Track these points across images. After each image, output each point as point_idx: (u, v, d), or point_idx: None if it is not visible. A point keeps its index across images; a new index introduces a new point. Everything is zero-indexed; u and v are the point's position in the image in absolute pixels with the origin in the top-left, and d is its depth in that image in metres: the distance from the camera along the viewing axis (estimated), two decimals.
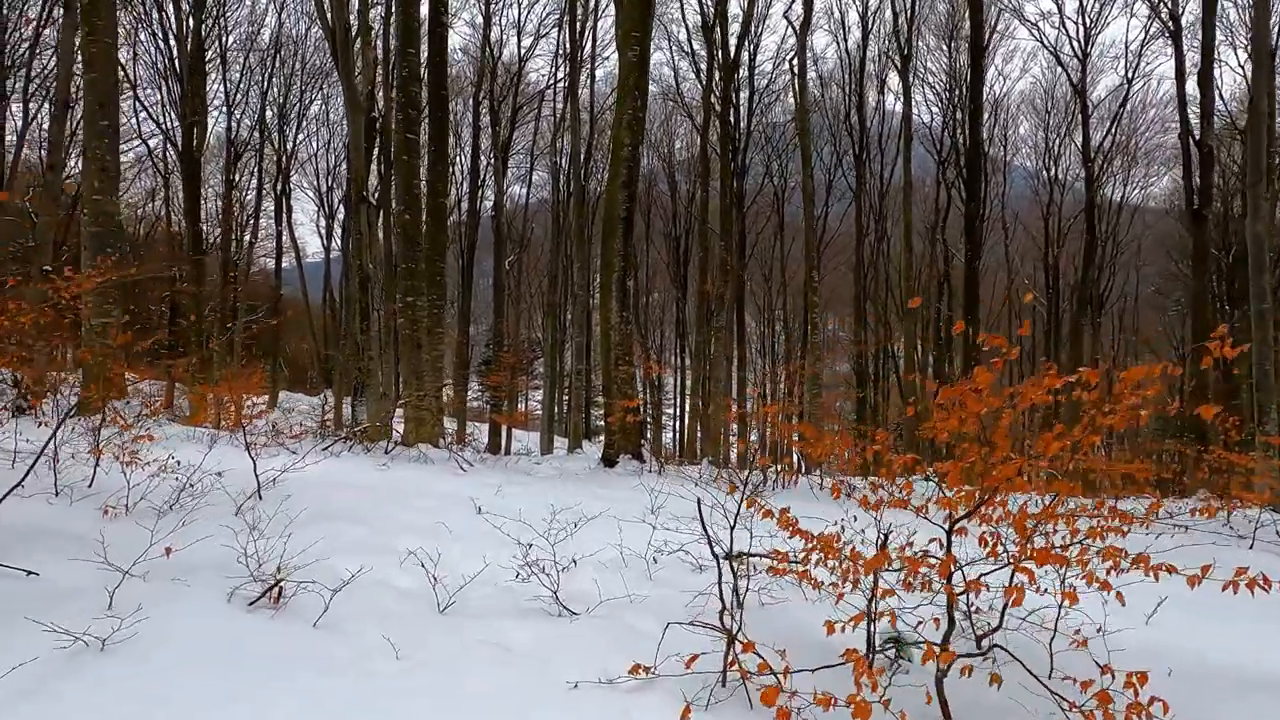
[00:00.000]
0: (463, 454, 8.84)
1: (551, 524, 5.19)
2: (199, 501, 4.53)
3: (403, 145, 9.17)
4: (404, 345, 9.27)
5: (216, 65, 23.99)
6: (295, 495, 5.23)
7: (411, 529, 4.78)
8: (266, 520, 4.40)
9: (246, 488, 5.08)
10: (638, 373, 9.92)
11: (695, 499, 6.49)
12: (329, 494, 5.43)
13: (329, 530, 4.46)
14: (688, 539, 4.82)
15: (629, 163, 8.89)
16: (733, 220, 17.96)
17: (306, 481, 5.56)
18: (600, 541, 4.71)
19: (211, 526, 3.89)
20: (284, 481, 5.29)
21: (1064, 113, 24.41)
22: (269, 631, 2.83)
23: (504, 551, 4.16)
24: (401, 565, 3.91)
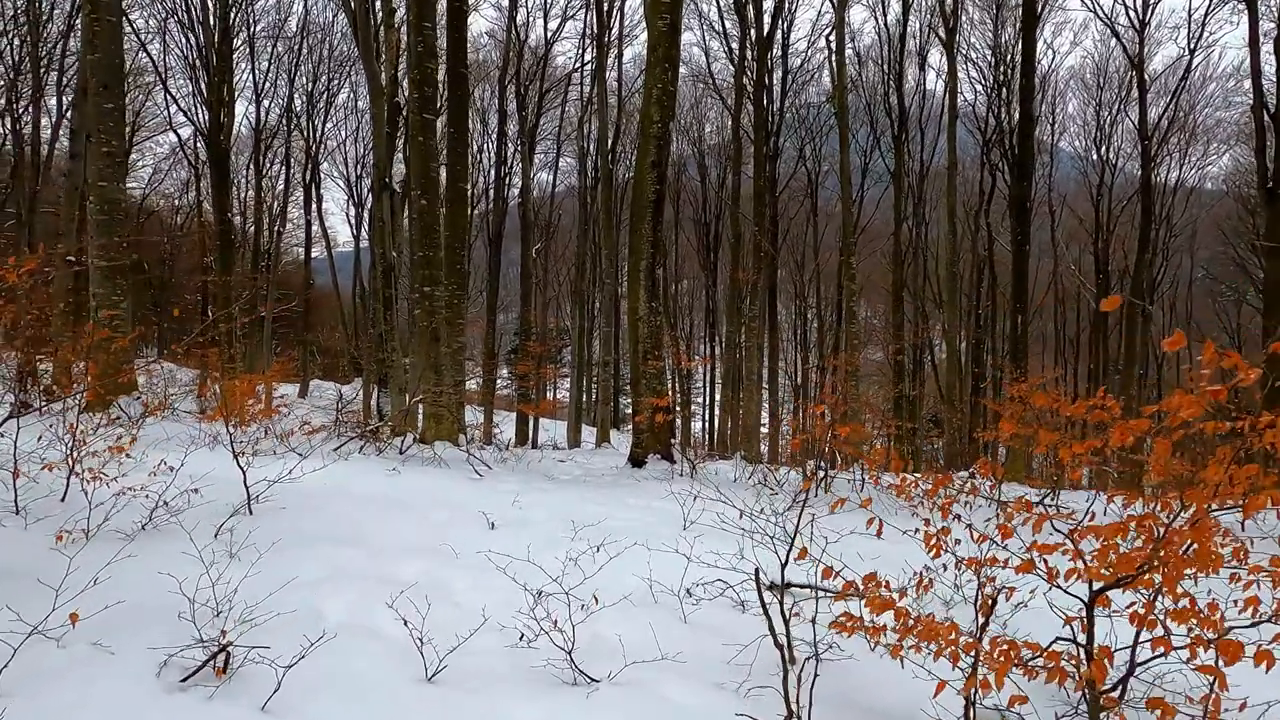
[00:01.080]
0: (482, 453, 8.28)
1: (572, 544, 4.57)
2: (177, 520, 3.98)
3: (418, 125, 8.56)
4: (421, 337, 8.72)
5: (245, 54, 23.75)
6: (290, 509, 4.69)
7: (414, 551, 4.19)
8: (248, 544, 3.84)
9: (236, 500, 4.54)
10: (667, 364, 9.29)
11: (732, 508, 5.82)
12: (328, 506, 4.87)
13: (318, 556, 3.89)
14: (726, 567, 4.16)
15: (659, 141, 8.16)
16: (766, 205, 17.07)
17: (306, 491, 5.01)
18: (626, 569, 4.06)
19: (176, 557, 3.34)
20: (281, 491, 4.74)
21: (1117, 88, 22.90)
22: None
23: (514, 589, 3.53)
24: (393, 603, 3.31)
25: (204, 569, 3.21)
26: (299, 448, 6.79)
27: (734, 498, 6.48)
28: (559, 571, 3.95)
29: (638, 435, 8.35)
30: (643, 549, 4.52)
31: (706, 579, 4.04)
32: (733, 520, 5.53)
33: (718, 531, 5.08)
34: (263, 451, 6.33)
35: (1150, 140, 19.50)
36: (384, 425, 7.64)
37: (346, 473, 5.87)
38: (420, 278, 8.72)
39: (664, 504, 5.71)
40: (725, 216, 27.28)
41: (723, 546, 4.76)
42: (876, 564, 4.09)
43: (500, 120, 22.31)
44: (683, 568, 4.01)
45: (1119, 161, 24.23)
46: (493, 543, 4.53)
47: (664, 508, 5.62)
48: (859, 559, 5.01)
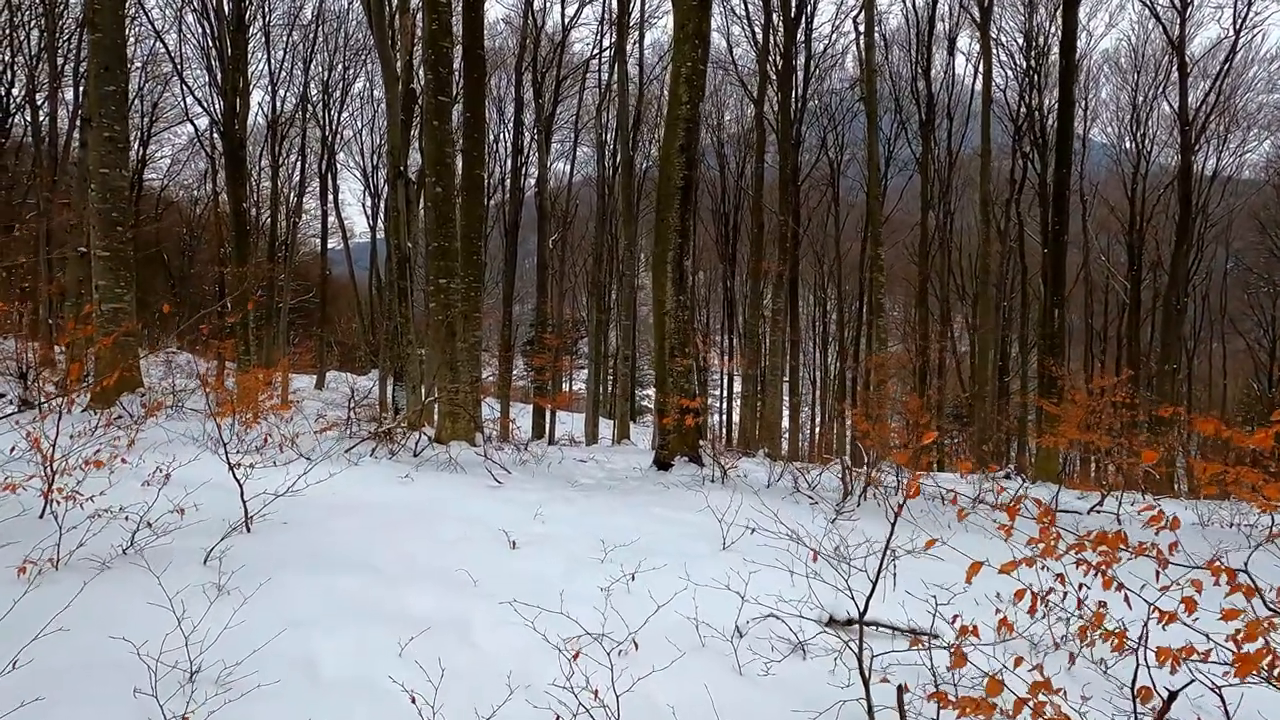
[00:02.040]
0: (499, 454, 7.81)
1: (602, 567, 4.07)
2: (163, 543, 3.52)
3: (432, 109, 8.05)
4: (436, 332, 8.25)
5: (260, 43, 23.36)
6: (293, 525, 4.23)
7: (427, 578, 3.71)
8: (241, 571, 3.38)
9: (233, 516, 4.08)
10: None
11: (773, 519, 5.29)
12: (334, 522, 4.40)
13: (319, 586, 3.42)
14: (778, 595, 3.65)
15: (687, 123, 7.59)
16: (790, 194, 16.41)
17: (311, 503, 4.55)
18: (665, 597, 3.56)
19: (154, 591, 2.87)
20: (283, 506, 4.28)
21: (1154, 72, 21.90)
22: None
23: (543, 629, 3.04)
24: (402, 651, 2.83)
25: (184, 610, 2.75)
26: (308, 451, 6.34)
27: (773, 507, 5.96)
28: (591, 606, 3.46)
29: (663, 437, 7.84)
30: (681, 574, 4.01)
31: (756, 611, 3.52)
32: (776, 534, 5.02)
33: (762, 550, 4.57)
34: (268, 456, 5.90)
35: (1191, 126, 18.58)
36: (398, 424, 7.18)
37: (356, 480, 5.41)
38: (435, 269, 8.24)
39: (698, 518, 5.20)
40: (745, 206, 26.62)
41: (769, 570, 4.25)
42: (953, 599, 3.56)
43: (517, 109, 21.77)
44: (728, 598, 3.49)
45: (1154, 149, 23.26)
46: (515, 566, 4.05)
47: (699, 522, 5.11)
48: (923, 585, 4.50)
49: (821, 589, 3.81)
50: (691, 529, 4.99)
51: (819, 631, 3.52)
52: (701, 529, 4.96)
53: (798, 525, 5.40)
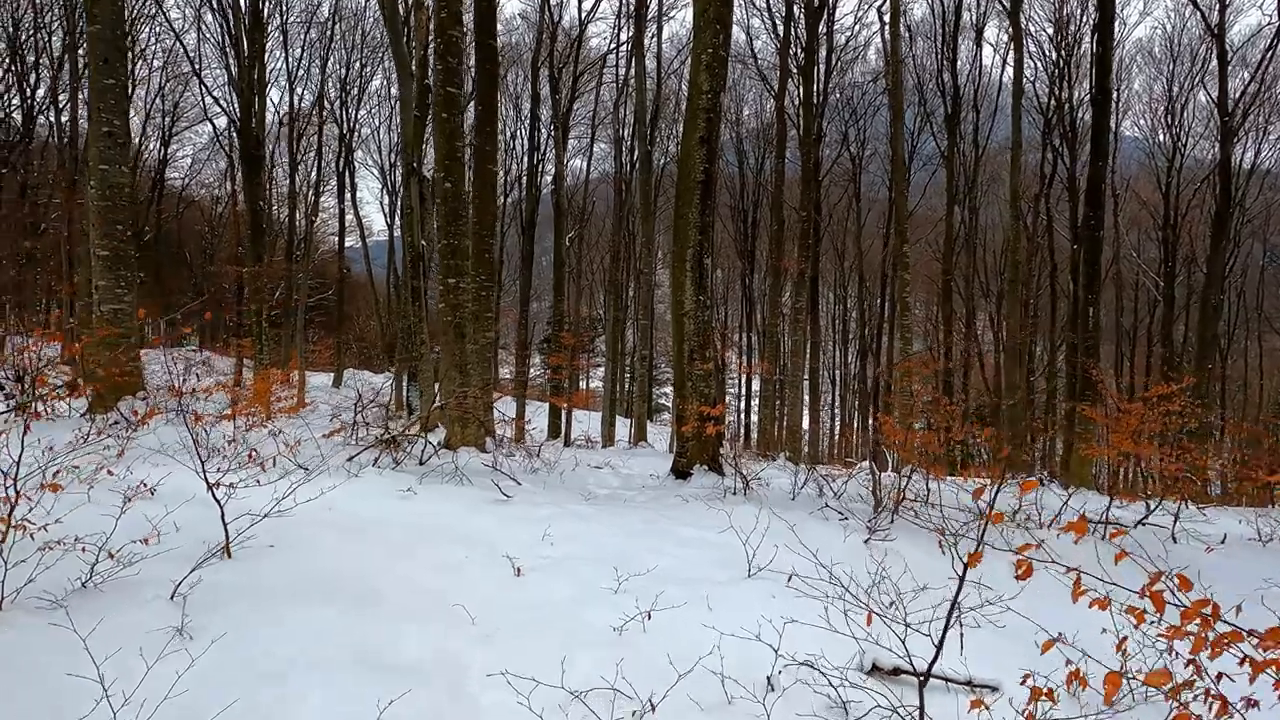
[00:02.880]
0: (510, 461, 7.42)
1: (615, 599, 3.66)
2: (127, 575, 3.15)
3: (443, 100, 7.66)
4: (445, 334, 7.87)
5: (278, 42, 23.21)
6: (280, 548, 3.85)
7: (421, 612, 3.32)
8: (214, 608, 3.00)
9: (214, 538, 3.71)
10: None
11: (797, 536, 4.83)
12: (325, 543, 4.03)
13: (299, 623, 3.03)
14: (812, 632, 3.20)
15: (708, 113, 7.12)
16: (812, 190, 15.85)
17: (303, 522, 4.18)
18: (686, 642, 3.13)
19: (106, 638, 2.49)
20: (273, 524, 3.91)
21: (1190, 62, 20.99)
22: None
23: (546, 678, 2.62)
24: (383, 712, 2.43)
25: (136, 660, 2.37)
26: (309, 460, 5.99)
27: (800, 524, 5.50)
28: (603, 649, 3.04)
29: (682, 444, 7.39)
30: (703, 607, 3.58)
31: (789, 648, 3.07)
32: (806, 557, 4.57)
33: (791, 564, 4.12)
34: (265, 467, 5.55)
35: (1231, 116, 17.71)
36: (405, 431, 6.81)
37: (355, 495, 5.03)
38: (445, 268, 7.86)
39: (720, 538, 4.75)
40: (763, 203, 26.05)
41: (801, 600, 3.80)
42: (1011, 642, 3.05)
43: (533, 104, 21.39)
44: (756, 639, 3.05)
45: (1188, 142, 22.32)
46: (519, 596, 3.64)
47: (721, 544, 4.67)
48: (978, 623, 4.02)
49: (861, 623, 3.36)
50: (713, 552, 4.55)
51: (862, 682, 3.07)
52: (724, 553, 4.52)
53: (827, 545, 4.95)
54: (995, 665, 3.44)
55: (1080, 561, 4.59)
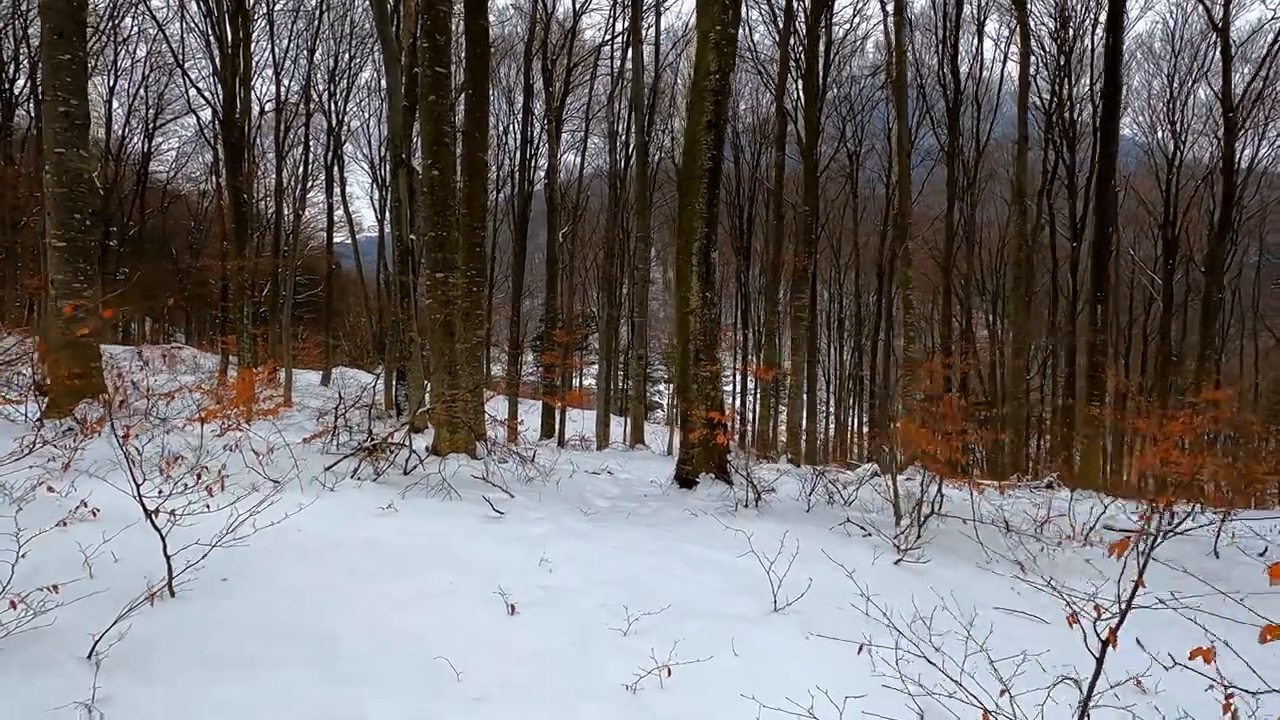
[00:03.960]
0: (504, 466, 6.87)
1: (625, 642, 3.12)
2: (40, 624, 2.58)
3: (429, 82, 7.07)
4: (433, 332, 7.30)
5: (264, 32, 22.45)
6: (233, 582, 3.29)
7: (395, 664, 2.76)
8: (135, 668, 2.44)
9: (157, 572, 3.14)
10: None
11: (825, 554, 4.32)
12: (288, 576, 3.46)
13: (243, 688, 2.47)
14: (856, 680, 2.68)
15: (716, 95, 6.58)
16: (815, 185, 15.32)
17: (266, 548, 3.62)
18: (716, 703, 2.59)
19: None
20: (225, 554, 3.34)
21: (1191, 57, 20.62)
22: None
23: None
24: None
25: None
26: (280, 471, 5.41)
27: (822, 542, 4.98)
28: (614, 711, 2.50)
29: (686, 451, 6.86)
30: (729, 651, 3.05)
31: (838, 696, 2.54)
32: (836, 584, 4.05)
33: (824, 611, 3.59)
34: (231, 480, 4.97)
35: (1235, 112, 17.34)
36: (389, 437, 6.23)
37: (328, 513, 4.47)
38: (433, 262, 7.28)
39: (739, 561, 4.22)
40: (759, 198, 25.53)
41: (840, 650, 3.27)
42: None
43: (526, 97, 20.77)
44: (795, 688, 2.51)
45: (1188, 139, 21.98)
46: (513, 642, 3.09)
47: (742, 569, 4.13)
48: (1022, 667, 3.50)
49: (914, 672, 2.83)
50: (733, 578, 4.02)
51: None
52: (744, 579, 3.99)
53: (855, 569, 4.43)
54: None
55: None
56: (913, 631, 3.45)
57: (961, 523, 5.70)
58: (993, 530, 5.76)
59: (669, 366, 36.81)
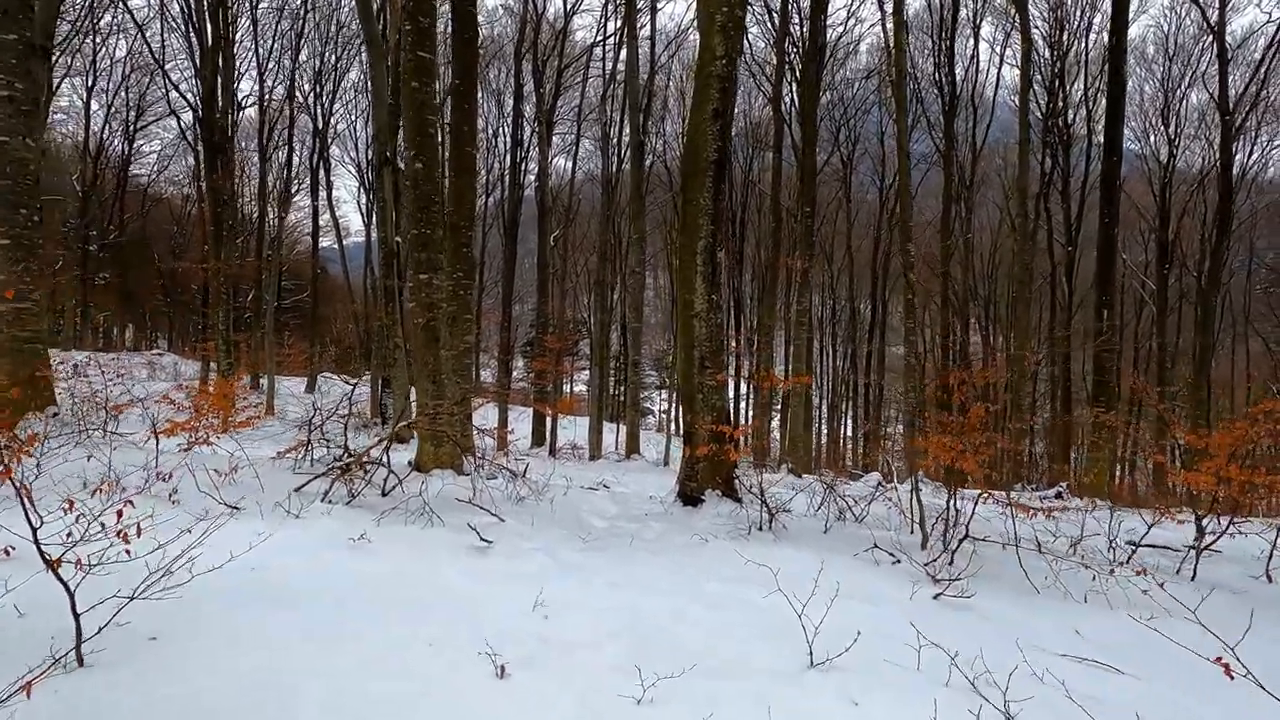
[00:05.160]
0: (493, 483, 6.27)
1: (640, 706, 2.55)
2: None
3: (412, 67, 6.49)
4: (417, 338, 6.70)
5: (248, 31, 21.77)
6: (161, 644, 2.69)
7: None
8: None
9: (66, 634, 2.53)
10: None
11: (857, 590, 3.77)
12: (232, 629, 2.86)
13: None
14: None
15: (723, 82, 6.05)
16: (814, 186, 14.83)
17: (206, 593, 3.02)
18: None
19: None
20: (154, 606, 2.73)
21: (1186, 62, 20.41)
22: None
23: None
24: None
25: None
26: (241, 493, 4.79)
27: (847, 570, 4.43)
28: None
29: (691, 466, 6.29)
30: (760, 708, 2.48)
31: None
32: (876, 625, 3.49)
33: (869, 664, 3.03)
34: (182, 504, 4.36)
35: (1232, 116, 17.09)
36: (365, 453, 5.62)
37: (290, 545, 3.86)
38: (416, 262, 6.68)
39: (765, 600, 3.65)
40: (750, 203, 25.08)
41: (893, 710, 2.72)
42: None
43: (515, 99, 20.21)
44: None
45: (1181, 144, 21.78)
46: (501, 713, 2.51)
47: (766, 608, 3.56)
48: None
49: None
50: (758, 621, 3.45)
51: None
52: (772, 621, 3.42)
53: (892, 605, 3.88)
54: None
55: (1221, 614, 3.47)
56: (977, 688, 2.90)
57: (998, 547, 5.16)
58: (1027, 553, 5.22)
59: (660, 373, 36.24)
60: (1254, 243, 25.51)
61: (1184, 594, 4.62)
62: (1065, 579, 4.60)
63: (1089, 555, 5.40)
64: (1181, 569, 5.24)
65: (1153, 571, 4.77)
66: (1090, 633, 3.74)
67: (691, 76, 25.94)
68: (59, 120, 28.30)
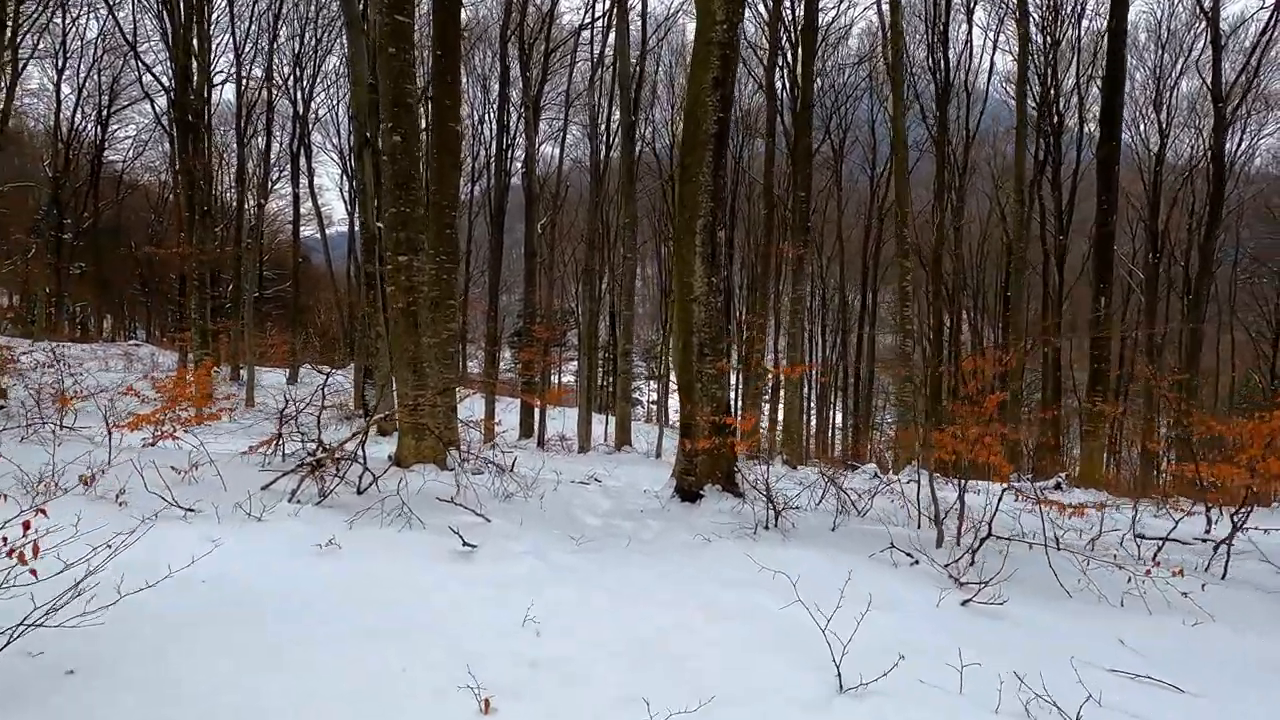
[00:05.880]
0: (479, 478, 5.84)
1: None
2: None
3: (389, 31, 5.98)
4: (396, 323, 6.23)
5: (224, 12, 20.95)
6: (82, 677, 2.25)
7: None
8: None
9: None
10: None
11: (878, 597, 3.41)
12: (169, 657, 2.42)
13: None
14: None
15: (724, 49, 5.60)
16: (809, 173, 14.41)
17: (144, 612, 2.58)
18: None
19: None
20: (76, 632, 2.29)
21: (1178, 50, 20.20)
22: None
23: None
24: None
25: None
26: (206, 493, 4.33)
27: (863, 572, 4.07)
28: None
29: (689, 460, 5.89)
30: None
31: None
32: (905, 637, 3.13)
33: (905, 685, 2.65)
34: (130, 505, 3.89)
35: (1225, 103, 16.88)
36: (340, 447, 5.16)
37: (248, 551, 3.42)
38: (395, 243, 6.20)
39: (781, 610, 3.26)
40: (740, 192, 24.63)
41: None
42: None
43: (502, 83, 19.59)
44: None
45: (1171, 132, 21.60)
46: None
47: (782, 620, 3.18)
48: None
49: None
50: (777, 636, 3.05)
51: None
52: (793, 635, 3.03)
53: (918, 613, 3.51)
54: None
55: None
56: (1030, 714, 2.52)
57: (1019, 545, 4.81)
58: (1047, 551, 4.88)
59: (649, 363, 35.86)
60: (1239, 233, 25.49)
61: (1221, 594, 4.32)
62: (1096, 579, 4.25)
63: (1113, 552, 5.07)
64: (1211, 565, 4.93)
65: (1178, 568, 4.46)
66: (1136, 642, 3.38)
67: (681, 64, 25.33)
68: (29, 104, 27.27)
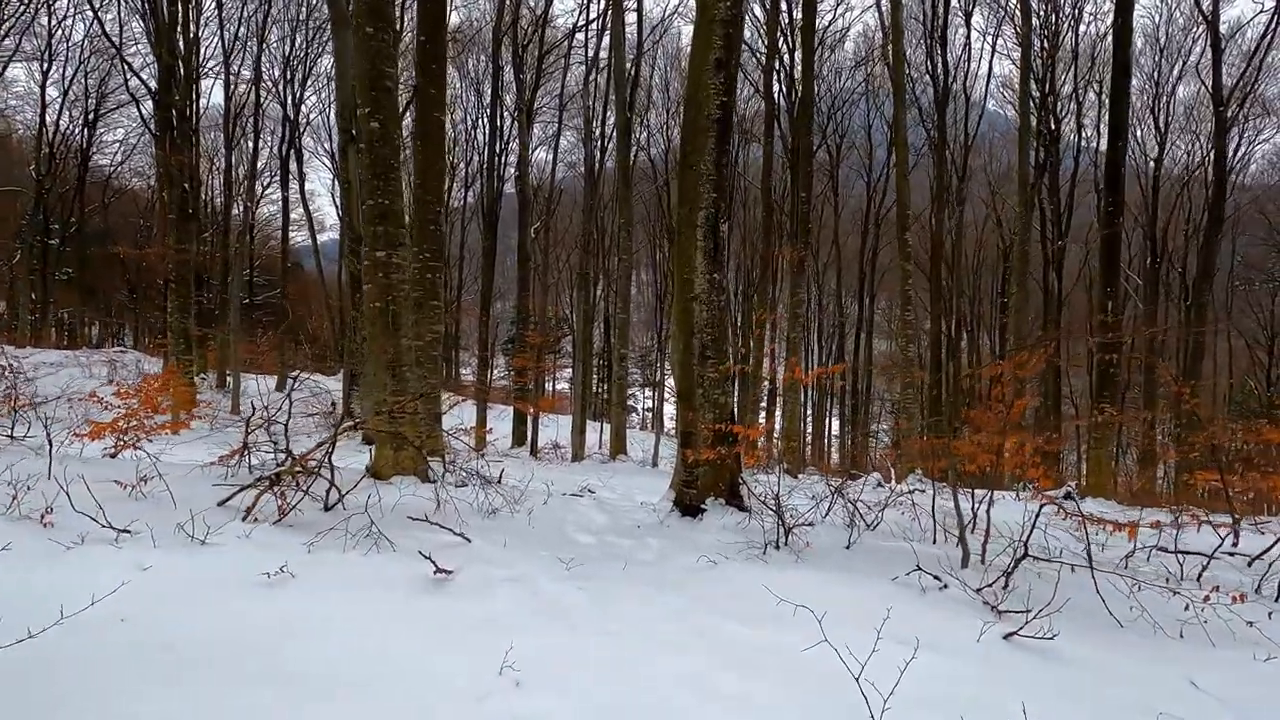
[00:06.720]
0: (462, 491, 5.33)
1: None
2: None
3: (365, 10, 5.52)
4: (373, 323, 5.73)
5: (213, 14, 20.49)
6: None
7: None
8: None
9: None
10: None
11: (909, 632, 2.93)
12: (64, 717, 1.90)
13: None
14: None
15: (727, 27, 5.17)
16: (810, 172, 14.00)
17: (48, 657, 2.06)
18: None
19: None
20: None
21: (1176, 53, 19.98)
22: None
23: None
24: None
25: None
26: (150, 509, 3.82)
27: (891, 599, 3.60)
28: None
29: (689, 472, 5.41)
30: None
31: None
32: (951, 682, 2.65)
33: None
34: (57, 526, 3.37)
35: (1226, 107, 16.61)
36: (303, 460, 4.65)
37: (182, 582, 2.91)
38: (373, 237, 5.72)
39: (802, 650, 2.77)
40: (735, 196, 24.28)
41: None
42: None
43: (494, 83, 19.18)
44: None
45: (1169, 136, 21.38)
46: None
47: (807, 661, 2.69)
48: None
49: None
50: (805, 688, 2.56)
51: None
52: (824, 684, 2.54)
53: (955, 653, 3.03)
54: None
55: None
56: None
57: (1058, 568, 4.34)
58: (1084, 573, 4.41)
59: (644, 370, 35.40)
60: (1235, 240, 25.29)
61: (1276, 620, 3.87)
62: (1148, 605, 3.78)
63: (1164, 575, 4.61)
64: (1262, 586, 4.48)
65: (1228, 589, 4.02)
66: (1211, 684, 2.91)
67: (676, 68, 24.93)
68: (14, 107, 26.71)
